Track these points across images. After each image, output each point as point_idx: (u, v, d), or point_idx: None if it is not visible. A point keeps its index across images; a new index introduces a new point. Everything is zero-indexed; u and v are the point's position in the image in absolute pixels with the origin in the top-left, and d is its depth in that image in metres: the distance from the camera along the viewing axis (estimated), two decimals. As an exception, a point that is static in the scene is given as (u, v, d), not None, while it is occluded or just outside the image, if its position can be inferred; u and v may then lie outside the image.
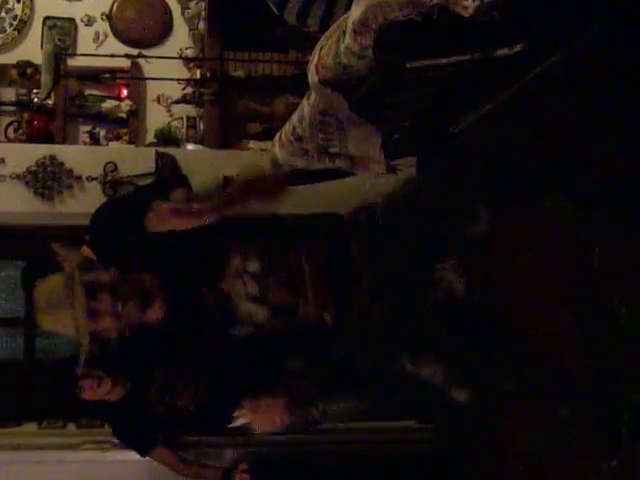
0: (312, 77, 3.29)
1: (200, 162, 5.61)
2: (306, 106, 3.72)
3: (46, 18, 6.84)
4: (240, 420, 2.65)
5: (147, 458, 4.62)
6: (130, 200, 3.06)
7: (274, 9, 4.81)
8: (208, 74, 6.66)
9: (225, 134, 6.61)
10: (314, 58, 3.25)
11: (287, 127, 4.10)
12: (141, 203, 2.54)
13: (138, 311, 2.47)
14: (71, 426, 5.31)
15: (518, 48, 2.78)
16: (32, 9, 6.90)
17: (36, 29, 6.84)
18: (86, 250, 3.00)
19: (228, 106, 6.73)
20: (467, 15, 2.70)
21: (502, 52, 2.79)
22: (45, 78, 5.95)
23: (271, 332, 2.56)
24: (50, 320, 2.48)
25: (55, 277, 2.54)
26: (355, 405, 4.55)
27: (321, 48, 3.20)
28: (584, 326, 2.84)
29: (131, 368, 4.47)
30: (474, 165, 2.65)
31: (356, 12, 2.76)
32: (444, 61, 2.83)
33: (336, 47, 2.97)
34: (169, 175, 5.24)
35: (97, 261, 2.65)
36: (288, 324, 2.53)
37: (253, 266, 2.47)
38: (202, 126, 6.81)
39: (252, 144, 6.51)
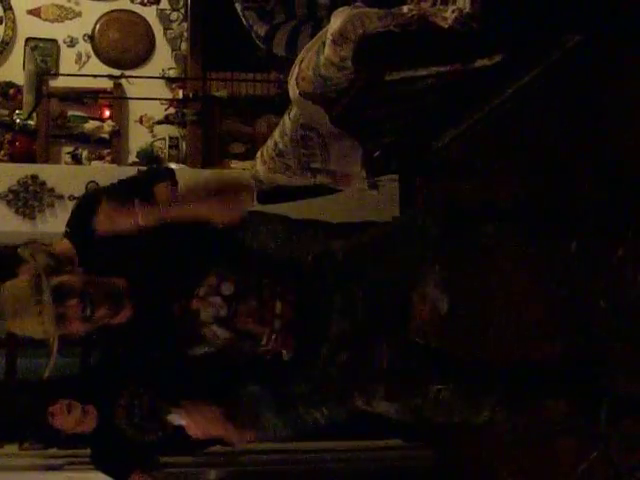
0: (292, 90, 3.30)
1: (182, 182, 5.58)
2: (287, 121, 3.72)
3: (28, 39, 6.84)
4: (176, 419, 2.65)
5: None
6: (95, 196, 3.00)
7: (261, 45, 4.81)
8: (191, 94, 6.67)
9: (207, 154, 6.60)
10: (294, 71, 3.25)
11: (269, 143, 4.09)
12: (95, 202, 2.53)
13: (107, 316, 2.45)
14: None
15: (497, 59, 2.79)
16: (14, 30, 6.90)
17: (18, 50, 6.82)
18: (66, 244, 2.97)
19: (211, 126, 6.74)
20: (446, 26, 2.72)
21: (481, 63, 2.79)
22: (27, 98, 5.95)
23: (230, 356, 2.58)
24: (17, 325, 2.45)
25: (21, 280, 2.50)
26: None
27: (301, 61, 3.20)
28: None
29: (96, 394, 4.41)
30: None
31: (335, 23, 2.77)
32: (423, 72, 2.83)
33: (316, 59, 2.97)
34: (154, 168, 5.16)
35: (75, 256, 2.62)
36: (247, 352, 2.54)
37: (227, 289, 2.46)
38: (184, 146, 6.80)
39: (234, 164, 6.50)
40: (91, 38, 7.03)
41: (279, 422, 4.43)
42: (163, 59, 7.10)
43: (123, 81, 6.94)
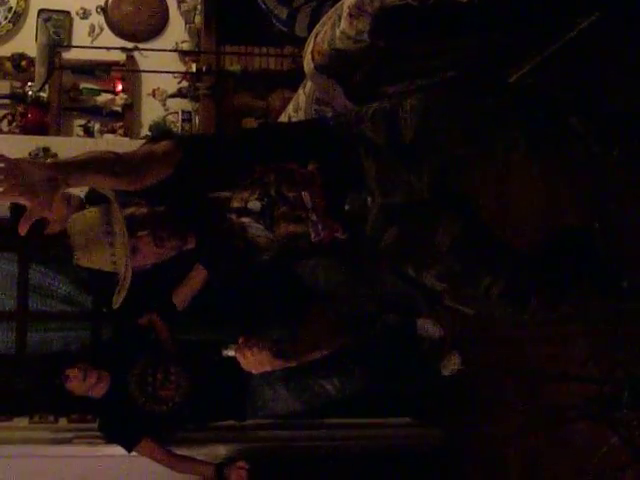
0: (307, 64, 3.25)
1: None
2: (302, 95, 3.68)
3: (41, 10, 6.79)
4: (230, 352, 2.72)
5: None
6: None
7: (282, 28, 4.76)
8: (204, 68, 6.62)
9: (220, 128, 6.55)
10: (309, 45, 3.21)
11: (283, 118, 4.07)
12: None
13: (177, 245, 2.48)
14: (62, 421, 5.25)
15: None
16: (27, 1, 6.85)
17: (31, 21, 6.77)
18: None
19: (224, 100, 6.68)
20: (464, 0, 2.67)
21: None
22: (39, 70, 5.90)
23: (292, 253, 2.61)
24: (87, 257, 2.47)
25: (90, 211, 2.50)
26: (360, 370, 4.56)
27: (316, 35, 3.16)
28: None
29: (111, 359, 4.45)
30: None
31: (352, -5, 2.72)
32: (441, 47, 2.78)
33: (332, 32, 2.93)
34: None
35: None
36: (305, 246, 2.55)
37: (254, 206, 2.45)
38: (197, 120, 6.76)
39: (247, 138, 6.45)
40: (104, 10, 6.98)
41: (290, 396, 4.47)
42: (177, 32, 7.04)
43: (136, 54, 6.89)
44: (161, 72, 6.68)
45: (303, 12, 4.50)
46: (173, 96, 6.87)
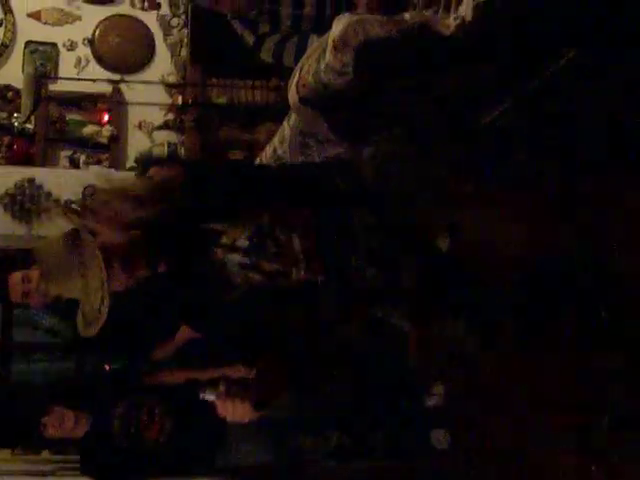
0: (292, 97, 3.28)
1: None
2: (287, 128, 3.70)
3: (28, 42, 6.83)
4: (209, 396, 2.73)
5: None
6: None
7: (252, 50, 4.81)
8: (190, 100, 6.65)
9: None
10: (294, 78, 3.23)
11: (268, 150, 4.08)
12: None
13: (146, 275, 2.48)
14: (45, 453, 5.22)
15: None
16: (14, 33, 6.88)
17: (18, 53, 6.81)
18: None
19: (209, 133, 6.71)
20: (448, 33, 2.71)
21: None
22: (25, 101, 5.93)
23: (266, 291, 2.61)
24: (57, 286, 2.45)
25: (57, 240, 2.47)
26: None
27: (301, 68, 3.19)
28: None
29: (93, 399, 4.40)
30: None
31: (337, 29, 2.75)
32: (424, 80, 2.81)
33: (317, 65, 2.96)
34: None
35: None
36: (284, 285, 2.57)
37: (241, 244, 2.47)
38: (183, 152, 6.78)
39: (233, 170, 6.47)
40: (91, 42, 7.02)
41: (263, 449, 4.46)
42: (163, 65, 7.08)
43: (122, 86, 6.92)
44: (147, 104, 6.71)
45: (268, 42, 4.57)
46: (159, 128, 6.89)
